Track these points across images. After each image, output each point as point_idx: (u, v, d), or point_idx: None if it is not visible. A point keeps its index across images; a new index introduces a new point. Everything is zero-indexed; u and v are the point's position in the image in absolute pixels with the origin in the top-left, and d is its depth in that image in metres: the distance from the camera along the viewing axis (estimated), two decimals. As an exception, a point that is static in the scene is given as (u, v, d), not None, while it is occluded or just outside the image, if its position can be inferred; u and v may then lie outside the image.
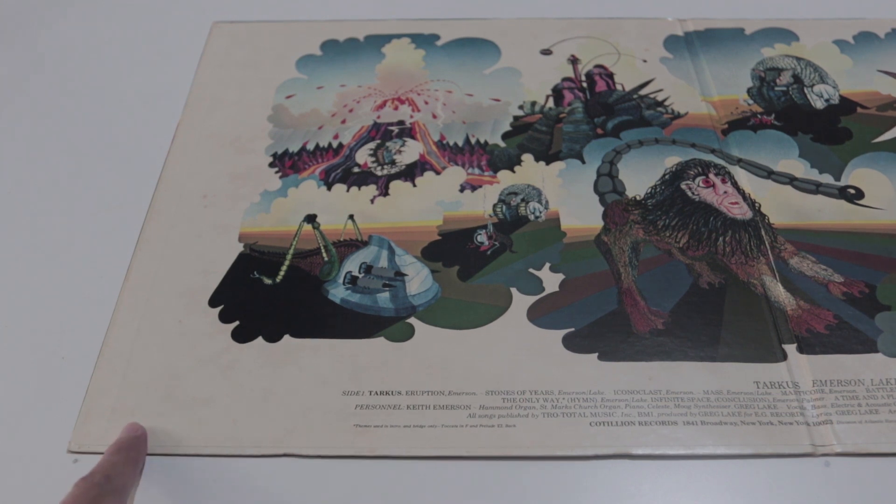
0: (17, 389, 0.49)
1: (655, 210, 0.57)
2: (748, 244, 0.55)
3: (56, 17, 0.74)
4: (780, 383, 0.49)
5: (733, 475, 0.46)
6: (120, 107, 0.66)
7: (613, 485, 0.45)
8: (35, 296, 0.54)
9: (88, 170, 0.61)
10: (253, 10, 0.73)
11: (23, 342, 0.52)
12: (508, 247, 0.55)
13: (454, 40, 0.69)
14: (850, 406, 0.48)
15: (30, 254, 0.56)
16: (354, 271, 0.54)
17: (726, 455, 0.46)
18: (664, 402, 0.48)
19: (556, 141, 0.61)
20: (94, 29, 0.73)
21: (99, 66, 0.69)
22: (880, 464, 0.46)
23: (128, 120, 0.64)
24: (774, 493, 0.45)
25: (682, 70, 0.67)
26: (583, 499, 0.45)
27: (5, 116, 0.65)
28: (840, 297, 0.53)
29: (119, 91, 0.67)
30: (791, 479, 0.46)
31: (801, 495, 0.45)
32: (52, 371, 0.50)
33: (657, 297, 0.52)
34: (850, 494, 0.45)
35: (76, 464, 0.46)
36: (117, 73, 0.69)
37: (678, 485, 0.45)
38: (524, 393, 0.48)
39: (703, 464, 0.46)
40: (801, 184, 0.59)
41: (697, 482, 0.46)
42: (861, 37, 0.70)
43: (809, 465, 0.46)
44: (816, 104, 0.64)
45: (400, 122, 0.63)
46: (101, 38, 0.72)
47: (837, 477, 0.46)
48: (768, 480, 0.46)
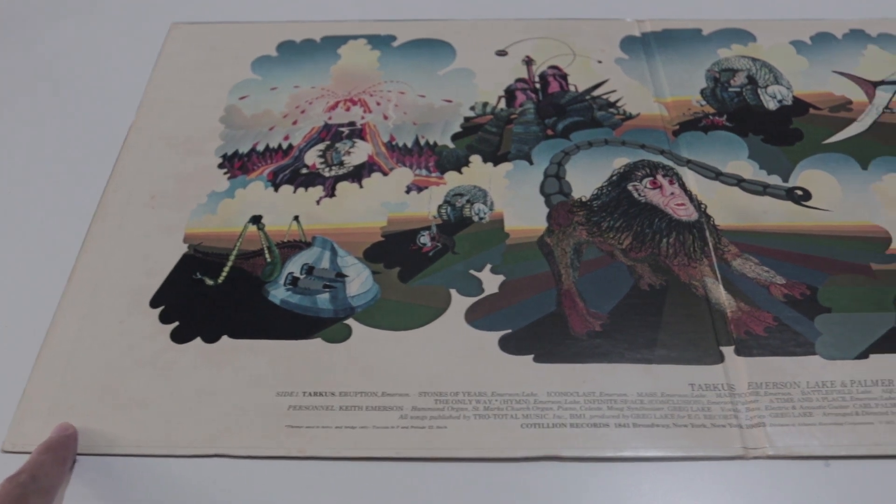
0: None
1: (600, 211, 0.57)
2: (692, 246, 0.55)
3: (15, 15, 0.74)
4: (715, 385, 0.48)
5: (665, 477, 0.46)
6: (75, 107, 0.66)
7: (542, 487, 0.45)
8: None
9: (39, 169, 0.61)
10: (214, 12, 0.73)
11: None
12: (451, 248, 0.55)
13: (410, 41, 0.69)
14: (784, 409, 0.48)
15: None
16: (296, 272, 0.54)
17: (656, 457, 0.46)
18: (597, 404, 0.48)
19: (506, 142, 0.61)
20: (55, 29, 0.73)
21: (58, 66, 0.70)
22: (813, 467, 0.46)
23: (82, 120, 0.65)
24: (705, 496, 0.45)
25: (636, 71, 0.67)
26: (511, 501, 0.45)
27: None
28: (781, 299, 0.52)
29: (76, 92, 0.67)
30: (725, 481, 0.46)
31: (733, 498, 0.45)
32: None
33: (597, 298, 0.52)
34: (781, 497, 0.45)
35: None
36: (75, 73, 0.69)
37: (607, 487, 0.45)
38: (457, 394, 0.48)
39: (633, 466, 0.46)
40: (749, 185, 0.59)
41: (627, 484, 0.45)
42: (818, 38, 0.69)
43: (742, 467, 0.46)
44: (769, 105, 0.64)
45: (351, 124, 0.63)
46: (61, 37, 0.72)
47: (770, 479, 0.46)
48: (702, 482, 0.46)
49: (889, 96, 0.64)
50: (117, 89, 0.67)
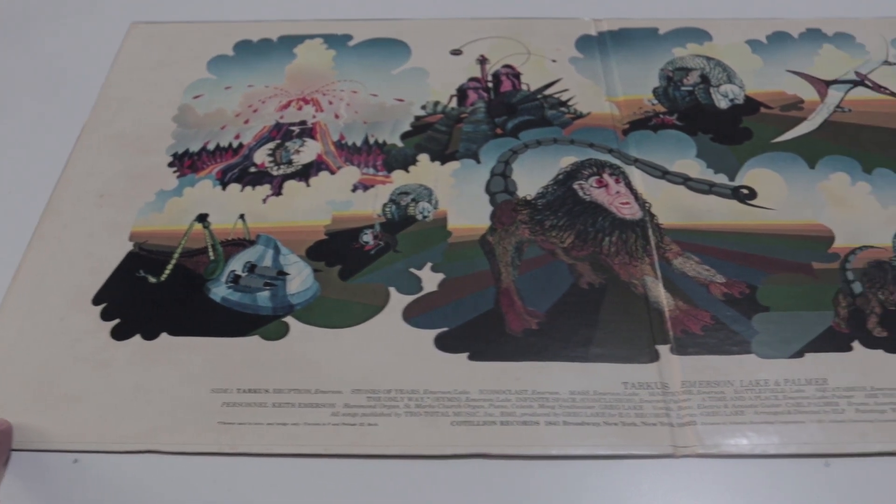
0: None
1: (544, 210, 0.57)
2: (634, 244, 0.55)
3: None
4: (648, 384, 0.48)
5: (594, 475, 0.46)
6: (31, 106, 0.66)
7: (470, 484, 0.45)
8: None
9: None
10: (175, 11, 0.73)
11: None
12: (393, 246, 0.55)
13: (366, 41, 0.69)
14: (716, 407, 0.48)
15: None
16: (238, 270, 0.54)
17: (585, 455, 0.46)
18: (528, 402, 0.48)
19: (454, 141, 0.61)
20: (16, 29, 0.73)
21: (17, 66, 0.70)
22: (742, 465, 0.46)
23: (38, 119, 0.65)
24: (634, 494, 0.45)
25: (590, 70, 0.67)
26: (439, 498, 0.45)
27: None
28: (720, 298, 0.52)
29: (32, 91, 0.68)
30: (655, 479, 0.45)
31: (662, 496, 0.45)
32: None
33: (535, 297, 0.52)
34: (709, 495, 0.45)
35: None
36: (34, 72, 0.69)
37: (535, 485, 0.45)
38: (390, 392, 0.48)
39: (563, 464, 0.46)
40: (695, 184, 0.59)
41: (556, 482, 0.46)
42: (774, 37, 0.69)
43: (672, 466, 0.46)
44: (721, 104, 0.64)
45: (302, 123, 0.63)
46: (23, 38, 0.73)
47: (700, 478, 0.45)
48: (631, 481, 0.46)
49: (841, 95, 0.64)
50: (74, 88, 0.67)
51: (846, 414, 0.47)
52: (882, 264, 0.54)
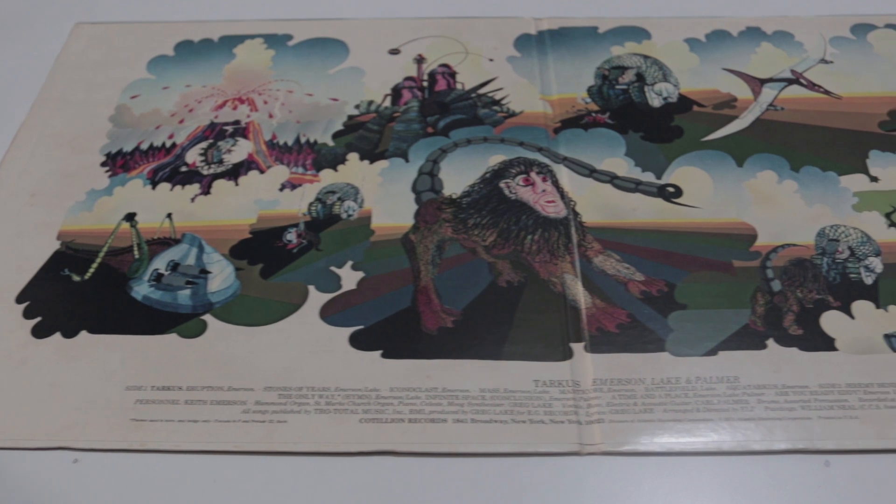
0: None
1: (469, 209, 0.57)
2: (556, 242, 0.55)
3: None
4: (559, 382, 0.49)
5: (501, 472, 0.46)
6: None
7: (377, 481, 0.46)
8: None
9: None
10: (121, 12, 0.74)
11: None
12: (315, 245, 0.55)
13: (306, 40, 0.70)
14: (626, 405, 0.48)
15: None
16: (161, 269, 0.54)
17: (490, 453, 0.46)
18: (438, 400, 0.48)
19: (385, 140, 0.62)
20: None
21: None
22: (650, 463, 0.46)
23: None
24: (540, 491, 0.45)
25: (526, 69, 0.67)
26: (347, 494, 0.45)
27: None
28: (637, 296, 0.52)
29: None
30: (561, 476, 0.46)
31: (567, 493, 0.45)
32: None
33: (453, 295, 0.52)
34: (614, 492, 0.45)
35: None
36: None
37: (441, 481, 0.45)
38: (301, 389, 0.48)
39: (470, 461, 0.46)
40: (622, 182, 0.59)
41: (462, 479, 0.46)
42: (714, 35, 0.69)
43: (578, 463, 0.46)
44: (654, 103, 0.64)
45: (236, 122, 0.63)
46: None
47: (605, 475, 0.46)
48: (538, 478, 0.46)
49: (775, 93, 0.64)
50: (16, 89, 0.67)
51: (755, 412, 0.47)
52: (803, 262, 0.54)
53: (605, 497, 0.45)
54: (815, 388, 0.48)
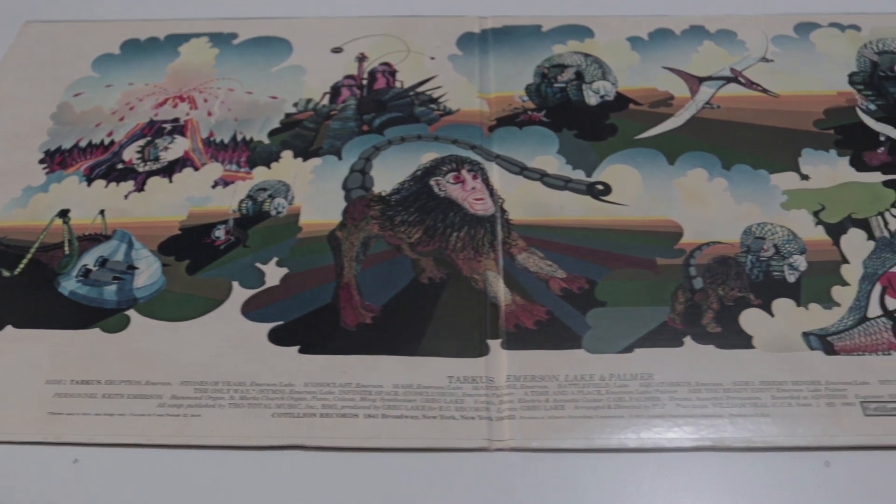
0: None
1: (397, 206, 0.57)
2: (481, 240, 0.55)
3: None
4: (473, 378, 0.49)
5: (410, 467, 0.46)
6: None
7: (288, 475, 0.46)
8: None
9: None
10: (73, 10, 0.74)
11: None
12: (242, 241, 0.56)
13: (251, 39, 0.70)
14: (538, 402, 0.48)
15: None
16: (90, 264, 0.55)
17: (399, 448, 0.47)
18: (351, 395, 0.48)
19: (321, 138, 0.62)
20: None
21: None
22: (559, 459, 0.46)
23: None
24: (447, 486, 0.45)
25: (466, 67, 0.67)
26: (257, 488, 0.46)
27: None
28: (558, 294, 0.53)
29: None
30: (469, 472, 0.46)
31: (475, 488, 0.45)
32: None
33: (374, 291, 0.53)
34: (520, 488, 0.45)
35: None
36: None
37: (350, 476, 0.46)
38: (217, 384, 0.49)
39: (380, 456, 0.47)
40: (552, 180, 0.59)
41: (371, 474, 0.46)
42: (657, 34, 0.69)
43: (486, 459, 0.46)
44: (591, 101, 0.64)
45: (175, 120, 0.64)
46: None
47: (513, 471, 0.46)
48: (446, 473, 0.46)
49: (712, 92, 0.64)
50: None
51: (666, 409, 0.47)
52: (727, 260, 0.54)
53: (512, 493, 0.45)
54: (728, 385, 0.48)
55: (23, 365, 0.50)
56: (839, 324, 0.51)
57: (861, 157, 0.60)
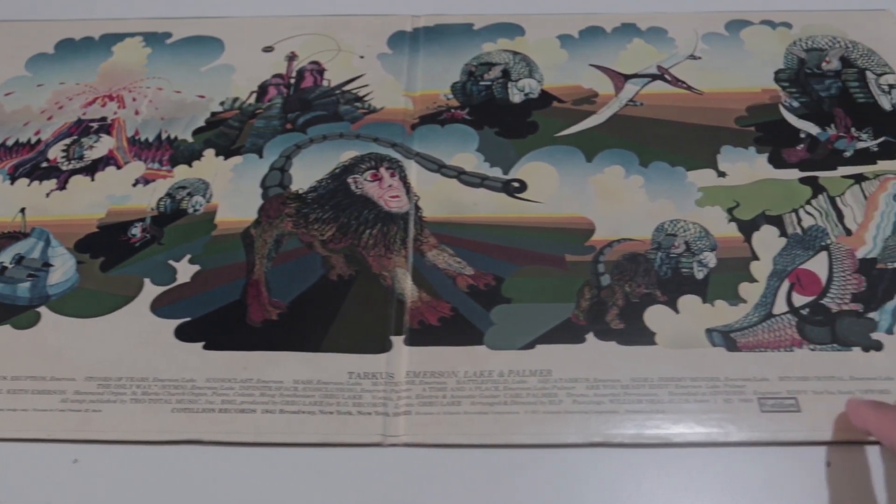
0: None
1: (313, 203, 0.58)
2: (394, 237, 0.56)
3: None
4: (374, 374, 0.49)
5: (305, 462, 0.46)
6: None
7: (186, 469, 0.46)
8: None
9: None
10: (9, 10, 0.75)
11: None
12: (158, 239, 0.56)
13: (184, 38, 0.70)
14: (435, 397, 0.48)
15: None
16: (6, 262, 0.55)
17: (294, 443, 0.47)
18: (250, 391, 0.49)
19: (244, 136, 0.62)
20: None
21: None
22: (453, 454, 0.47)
23: None
24: (341, 481, 0.46)
25: (395, 66, 0.67)
26: (153, 482, 0.46)
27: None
28: (464, 290, 0.53)
29: None
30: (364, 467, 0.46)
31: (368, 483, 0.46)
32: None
33: (282, 288, 0.53)
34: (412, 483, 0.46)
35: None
36: None
37: (246, 470, 0.46)
38: (120, 380, 0.49)
39: (280, 450, 0.47)
40: (468, 177, 0.59)
41: (269, 468, 0.46)
42: (587, 31, 0.69)
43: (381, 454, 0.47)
44: (514, 98, 0.64)
45: (102, 119, 0.64)
46: None
47: (407, 466, 0.46)
48: (341, 468, 0.46)
49: (637, 89, 0.64)
50: None
51: (563, 405, 0.48)
52: (636, 257, 0.54)
53: (405, 488, 0.46)
54: (626, 381, 0.48)
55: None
56: (744, 320, 0.51)
57: (780, 154, 0.60)
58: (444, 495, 0.45)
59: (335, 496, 0.45)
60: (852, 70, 0.65)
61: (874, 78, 0.64)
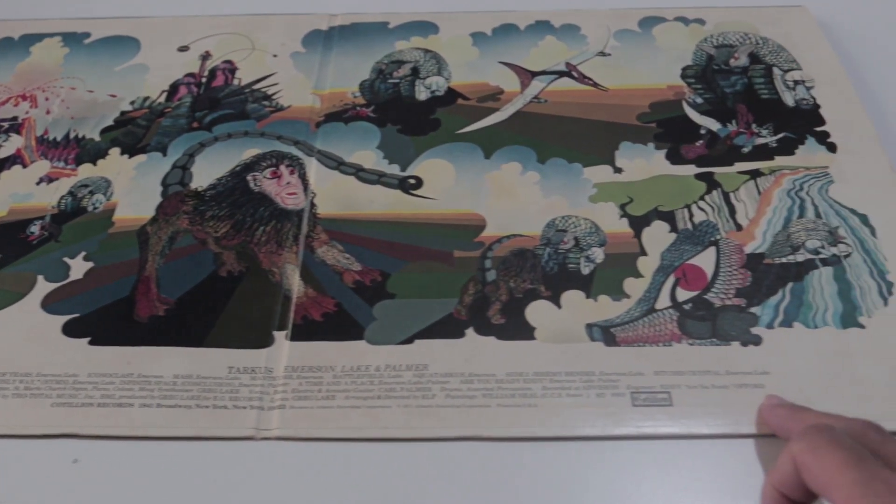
0: None
1: (210, 201, 0.58)
2: (287, 234, 0.56)
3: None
4: (253, 369, 0.50)
5: (185, 456, 0.47)
6: None
7: (61, 463, 0.47)
8: None
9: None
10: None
11: None
12: (55, 236, 0.57)
13: (101, 38, 0.71)
14: (310, 392, 0.49)
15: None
16: None
17: (168, 437, 0.47)
18: (130, 386, 0.49)
19: (150, 135, 0.63)
20: None
21: None
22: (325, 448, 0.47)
23: None
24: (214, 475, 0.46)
25: (307, 64, 0.68)
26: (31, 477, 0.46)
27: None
28: (350, 286, 0.53)
29: None
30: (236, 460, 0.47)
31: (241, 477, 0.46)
32: None
33: (172, 285, 0.54)
34: (287, 477, 0.46)
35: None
36: None
37: (121, 463, 0.47)
38: (5, 375, 0.50)
39: (153, 444, 0.47)
40: (366, 174, 0.59)
41: (143, 461, 0.47)
42: (501, 29, 0.70)
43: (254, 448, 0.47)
44: (421, 96, 0.65)
45: (13, 119, 0.65)
46: None
47: (281, 459, 0.47)
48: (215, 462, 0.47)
49: (543, 86, 0.64)
50: None
51: (435, 399, 0.48)
52: (524, 252, 0.55)
53: (276, 481, 0.46)
54: (501, 376, 0.49)
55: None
56: (625, 315, 0.52)
57: (678, 150, 0.60)
58: (314, 489, 0.46)
59: (206, 490, 0.46)
60: (759, 66, 0.65)
61: (780, 74, 0.65)
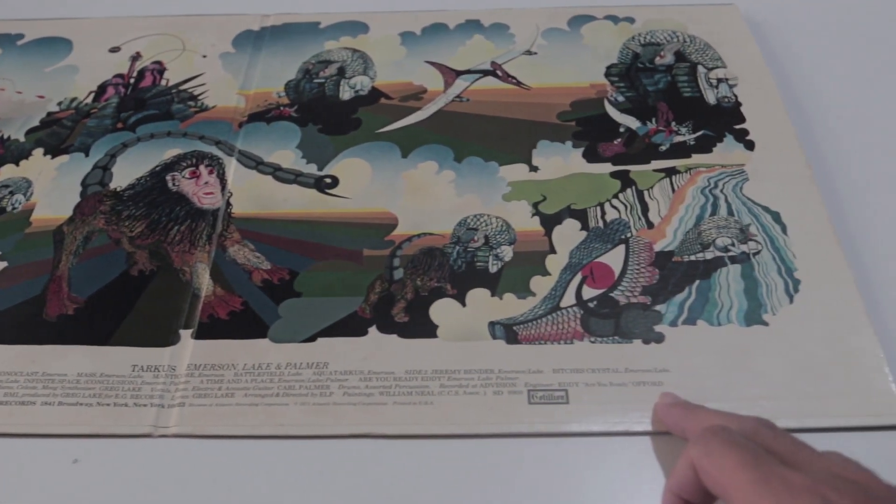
0: None
1: (128, 201, 0.59)
2: (200, 233, 0.57)
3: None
4: (157, 367, 0.50)
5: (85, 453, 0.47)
6: None
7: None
8: None
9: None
10: None
11: None
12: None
13: (34, 40, 0.72)
14: (211, 390, 0.49)
15: None
16: None
17: (68, 434, 0.48)
18: (34, 384, 0.50)
19: (74, 135, 0.64)
20: None
21: None
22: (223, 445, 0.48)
23: None
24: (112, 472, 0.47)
25: (235, 65, 0.68)
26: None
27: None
28: (258, 285, 0.54)
29: None
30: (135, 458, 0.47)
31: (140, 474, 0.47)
32: None
33: (83, 283, 0.54)
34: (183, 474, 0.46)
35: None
36: None
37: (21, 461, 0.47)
38: None
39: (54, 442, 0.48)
40: (283, 174, 0.60)
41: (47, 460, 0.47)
42: (430, 28, 0.70)
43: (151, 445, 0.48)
44: (344, 96, 0.65)
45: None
46: None
47: (178, 456, 0.47)
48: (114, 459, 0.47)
49: (466, 85, 0.65)
50: None
51: (333, 397, 0.48)
52: (433, 251, 0.55)
53: (173, 478, 0.46)
54: (400, 374, 0.49)
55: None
56: (529, 313, 0.52)
57: (595, 149, 0.60)
58: (210, 486, 0.46)
59: (103, 486, 0.46)
60: (684, 64, 0.66)
61: (704, 72, 0.65)
